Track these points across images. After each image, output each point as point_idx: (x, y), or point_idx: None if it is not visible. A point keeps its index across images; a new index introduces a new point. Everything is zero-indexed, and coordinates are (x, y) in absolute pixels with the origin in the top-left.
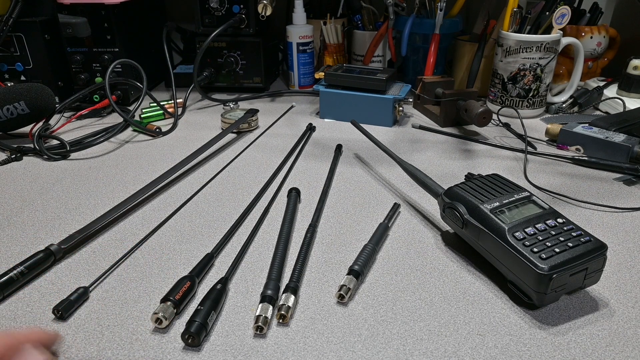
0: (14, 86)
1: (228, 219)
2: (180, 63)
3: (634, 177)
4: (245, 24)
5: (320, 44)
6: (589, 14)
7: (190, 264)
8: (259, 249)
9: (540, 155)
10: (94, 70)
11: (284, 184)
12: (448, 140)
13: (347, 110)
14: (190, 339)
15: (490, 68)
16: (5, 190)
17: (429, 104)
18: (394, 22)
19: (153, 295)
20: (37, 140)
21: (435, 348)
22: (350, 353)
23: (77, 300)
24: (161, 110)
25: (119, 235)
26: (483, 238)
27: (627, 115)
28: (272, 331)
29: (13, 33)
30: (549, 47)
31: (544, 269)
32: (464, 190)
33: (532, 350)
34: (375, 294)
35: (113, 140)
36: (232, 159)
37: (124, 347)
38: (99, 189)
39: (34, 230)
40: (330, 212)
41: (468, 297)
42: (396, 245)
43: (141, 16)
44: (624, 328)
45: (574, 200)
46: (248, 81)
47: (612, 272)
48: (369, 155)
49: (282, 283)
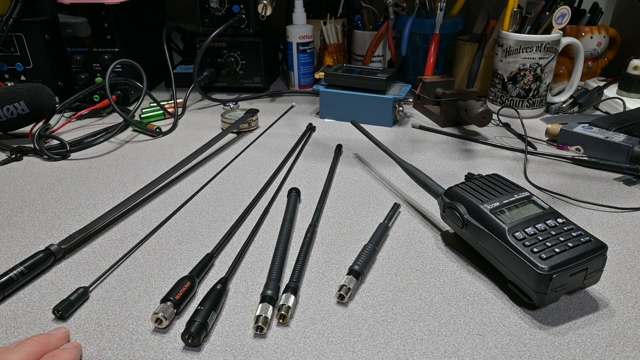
0: (14, 86)
1: (228, 219)
2: (180, 63)
3: (634, 177)
4: (245, 24)
5: (320, 44)
6: (589, 14)
7: (190, 264)
8: (259, 249)
9: (540, 155)
10: (94, 70)
11: (284, 184)
12: (448, 140)
13: (347, 110)
14: (190, 339)
15: (490, 68)
16: (5, 190)
17: (429, 104)
18: (394, 22)
19: (153, 295)
20: (37, 140)
21: (435, 348)
22: (350, 353)
23: (77, 300)
24: (161, 110)
25: (119, 235)
26: (483, 238)
27: (627, 115)
28: (272, 331)
29: (13, 33)
30: (549, 47)
31: (544, 269)
32: (464, 190)
33: (532, 350)
34: (375, 294)
35: (113, 140)
36: (232, 159)
37: (124, 347)
38: (99, 189)
39: (34, 230)
40: (330, 212)
41: (468, 297)
42: (396, 245)
43: (141, 16)
44: (624, 328)
45: (574, 200)
46: (248, 81)
47: (612, 272)
48: (369, 155)
49: (282, 283)
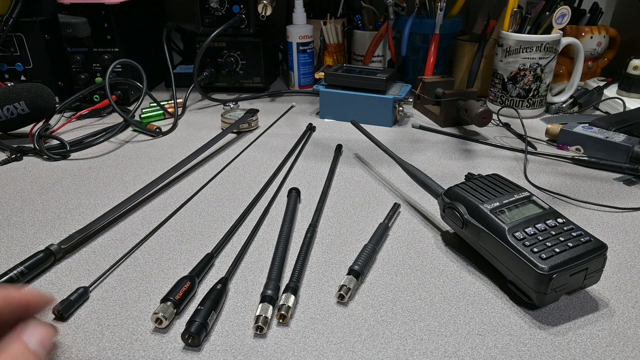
0: (14, 86)
1: (228, 219)
2: (180, 63)
3: (634, 177)
4: (245, 24)
5: (320, 44)
6: (589, 14)
7: (190, 264)
8: (259, 249)
9: (540, 155)
10: (94, 70)
11: (284, 184)
12: (448, 140)
13: (347, 110)
14: (190, 339)
15: (490, 68)
16: (5, 190)
17: (429, 104)
18: (394, 22)
19: (153, 295)
20: (37, 140)
21: (435, 348)
22: (350, 353)
23: (77, 300)
24: (161, 110)
25: (119, 235)
26: (483, 238)
27: (627, 115)
28: (272, 331)
29: (13, 33)
30: (549, 47)
31: (544, 269)
32: (464, 190)
33: (532, 350)
34: (375, 294)
35: (113, 140)
36: (232, 159)
37: (124, 347)
38: (99, 189)
39: (34, 230)
40: (330, 212)
41: (468, 297)
42: (396, 245)
43: (141, 16)
44: (624, 328)
45: (574, 200)
46: (248, 81)
47: (612, 272)
48: (369, 155)
49: (282, 283)
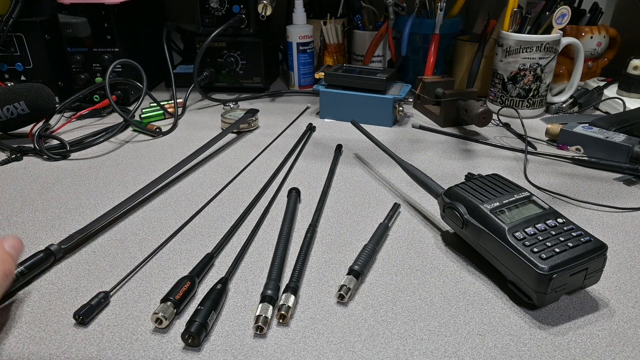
0: (14, 86)
1: (228, 219)
2: (180, 63)
3: (634, 177)
4: (245, 24)
5: (320, 44)
6: (589, 14)
7: (190, 264)
8: (259, 249)
9: (540, 155)
10: (94, 70)
11: (284, 184)
12: (448, 140)
13: (347, 110)
14: (190, 339)
15: (490, 68)
16: (5, 190)
17: (429, 104)
18: (394, 22)
19: (153, 295)
20: (37, 140)
21: (435, 348)
22: (350, 353)
23: (98, 305)
24: (161, 110)
25: (119, 235)
26: (483, 238)
27: (627, 115)
28: (272, 331)
29: (13, 33)
30: (549, 47)
31: (544, 269)
32: (464, 190)
33: (532, 350)
34: (375, 294)
35: (113, 140)
36: (248, 163)
37: (124, 347)
38: (99, 189)
39: (34, 230)
40: (330, 212)
41: (468, 297)
42: (396, 245)
43: (141, 16)
44: (624, 328)
45: (574, 200)
46: (248, 81)
47: (612, 272)
48: (369, 155)
49: (282, 283)
